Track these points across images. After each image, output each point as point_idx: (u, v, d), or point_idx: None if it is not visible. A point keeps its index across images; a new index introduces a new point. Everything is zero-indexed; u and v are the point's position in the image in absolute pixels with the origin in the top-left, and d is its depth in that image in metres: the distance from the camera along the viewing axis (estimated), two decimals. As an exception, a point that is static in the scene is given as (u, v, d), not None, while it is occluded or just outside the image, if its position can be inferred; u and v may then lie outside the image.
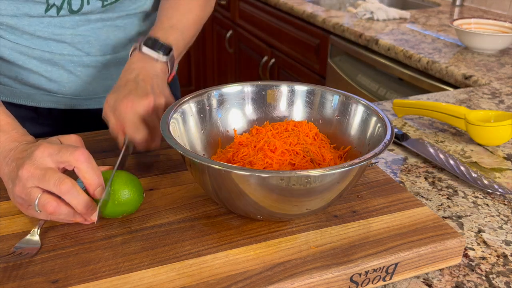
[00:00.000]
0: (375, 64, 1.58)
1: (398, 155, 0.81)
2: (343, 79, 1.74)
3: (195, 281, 0.48)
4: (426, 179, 0.74)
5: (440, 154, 0.79)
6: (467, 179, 0.72)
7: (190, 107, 0.64)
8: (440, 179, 0.74)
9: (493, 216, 0.66)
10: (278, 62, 2.24)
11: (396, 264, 0.52)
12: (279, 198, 0.51)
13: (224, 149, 0.65)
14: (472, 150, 0.83)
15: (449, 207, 0.67)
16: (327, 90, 0.68)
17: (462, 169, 0.74)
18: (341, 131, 0.66)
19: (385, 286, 0.54)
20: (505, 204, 0.68)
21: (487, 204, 0.68)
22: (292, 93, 0.70)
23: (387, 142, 0.55)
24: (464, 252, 0.59)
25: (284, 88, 0.70)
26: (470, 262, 0.57)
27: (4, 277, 0.49)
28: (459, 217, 0.65)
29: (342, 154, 0.64)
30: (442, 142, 0.86)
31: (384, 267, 0.52)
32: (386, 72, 1.54)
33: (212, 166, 0.50)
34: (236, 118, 0.69)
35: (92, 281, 0.48)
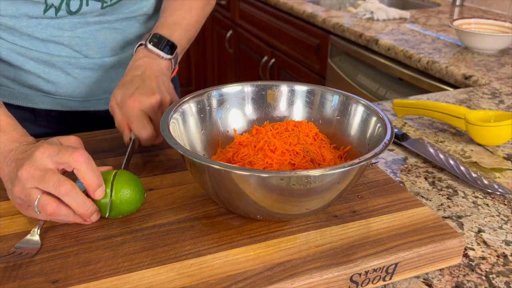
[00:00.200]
0: (375, 64, 1.58)
1: (398, 155, 0.81)
2: (343, 79, 1.74)
3: (195, 281, 0.48)
4: (426, 179, 0.74)
5: (440, 154, 0.79)
6: (467, 179, 0.72)
7: (190, 107, 0.64)
8: (440, 179, 0.74)
9: (493, 216, 0.66)
10: (278, 62, 2.24)
11: (396, 264, 0.52)
12: (279, 198, 0.51)
13: (224, 149, 0.65)
14: (472, 150, 0.83)
15: (449, 207, 0.67)
16: (327, 90, 0.68)
17: (462, 169, 0.74)
18: (341, 131, 0.66)
19: (385, 286, 0.54)
20: (505, 204, 0.68)
21: (487, 204, 0.68)
22: (292, 93, 0.70)
23: (387, 142, 0.55)
24: (464, 252, 0.59)
25: (284, 88, 0.70)
26: (470, 262, 0.57)
27: (4, 277, 0.49)
28: (459, 217, 0.65)
29: (342, 154, 0.64)
30: (442, 142, 0.86)
31: (384, 267, 0.52)
32: (386, 72, 1.54)
33: (212, 166, 0.50)
34: (236, 118, 0.69)
35: (92, 281, 0.48)
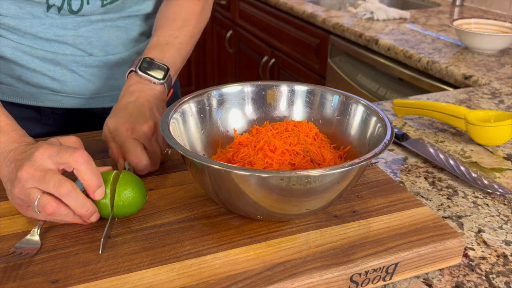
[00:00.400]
0: (375, 64, 1.58)
1: (398, 155, 0.81)
2: (343, 79, 1.74)
3: (195, 281, 0.48)
4: (426, 179, 0.74)
5: (440, 154, 0.79)
6: (467, 179, 0.72)
7: (190, 107, 0.64)
8: (440, 179, 0.74)
9: (493, 216, 0.66)
10: (278, 62, 2.24)
11: (396, 264, 0.52)
12: (279, 198, 0.51)
13: (224, 149, 0.65)
14: (472, 150, 0.83)
15: (449, 207, 0.67)
16: (327, 90, 0.68)
17: (462, 169, 0.74)
18: (341, 131, 0.66)
19: (385, 286, 0.54)
20: (505, 204, 0.68)
21: (487, 204, 0.68)
22: (292, 93, 0.70)
23: (387, 142, 0.55)
24: (464, 252, 0.59)
25: (284, 88, 0.70)
26: (470, 262, 0.57)
27: (4, 277, 0.49)
28: (459, 217, 0.65)
29: (342, 154, 0.64)
30: (442, 142, 0.86)
31: (384, 267, 0.52)
32: (386, 72, 1.54)
33: (212, 166, 0.50)
34: (236, 118, 0.69)
35: (92, 281, 0.48)
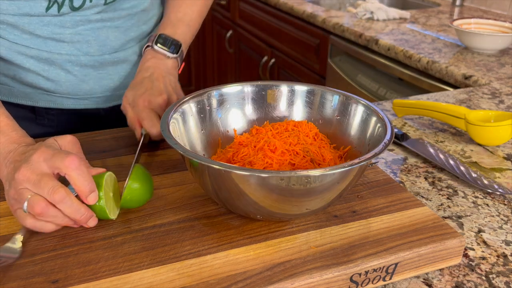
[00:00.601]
0: (375, 64, 1.58)
1: (398, 155, 0.81)
2: (343, 79, 1.74)
3: (195, 281, 0.48)
4: (426, 179, 0.74)
5: (440, 154, 0.79)
6: (467, 179, 0.72)
7: (190, 107, 0.64)
8: (440, 179, 0.74)
9: (493, 216, 0.66)
10: (278, 62, 2.24)
11: (396, 264, 0.52)
12: (279, 198, 0.51)
13: (224, 149, 0.65)
14: (472, 150, 0.83)
15: (449, 207, 0.67)
16: (327, 90, 0.68)
17: (462, 169, 0.74)
18: (341, 131, 0.66)
19: (385, 286, 0.54)
20: (505, 204, 0.68)
21: (487, 204, 0.68)
22: (292, 93, 0.70)
23: (387, 142, 0.55)
24: (464, 252, 0.59)
25: (284, 88, 0.70)
26: (470, 262, 0.57)
27: (4, 277, 0.49)
28: (459, 217, 0.65)
29: (342, 154, 0.64)
30: (442, 142, 0.86)
31: (384, 267, 0.52)
32: (386, 72, 1.54)
33: (212, 166, 0.50)
34: (236, 118, 0.69)
35: (92, 281, 0.48)
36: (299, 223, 0.57)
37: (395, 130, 0.86)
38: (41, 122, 0.89)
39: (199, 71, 3.28)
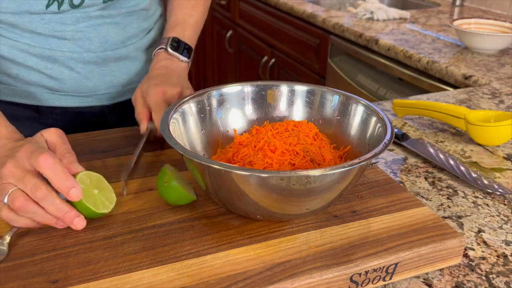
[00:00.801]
0: (375, 64, 1.58)
1: (398, 155, 0.81)
2: (343, 79, 1.74)
3: (195, 281, 0.48)
4: (426, 179, 0.74)
5: (440, 154, 0.79)
6: (467, 179, 0.72)
7: (190, 107, 0.64)
8: (440, 179, 0.74)
9: (493, 216, 0.66)
10: (278, 62, 2.24)
11: (396, 264, 0.52)
12: (279, 198, 0.51)
13: (224, 149, 0.65)
14: (472, 150, 0.83)
15: (449, 207, 0.67)
16: (327, 90, 0.68)
17: (462, 169, 0.74)
18: (341, 131, 0.66)
19: (385, 286, 0.54)
20: (505, 204, 0.68)
21: (487, 204, 0.68)
22: (292, 93, 0.70)
23: (387, 142, 0.55)
24: (464, 252, 0.59)
25: (284, 88, 0.70)
26: (470, 262, 0.57)
27: (4, 277, 0.49)
28: (459, 217, 0.65)
29: (342, 154, 0.64)
30: (442, 142, 0.86)
31: (384, 267, 0.52)
32: (386, 72, 1.54)
33: (212, 166, 0.50)
34: (236, 118, 0.69)
35: (92, 281, 0.48)
36: (299, 223, 0.57)
37: (395, 130, 0.86)
38: (45, 122, 0.89)
39: (199, 71, 3.28)
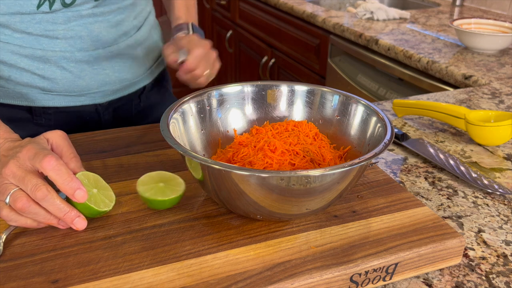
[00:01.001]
0: (375, 64, 1.58)
1: (398, 155, 0.81)
2: (343, 79, 1.74)
3: (195, 281, 0.48)
4: (426, 179, 0.74)
5: (440, 154, 0.79)
6: (467, 179, 0.72)
7: (190, 107, 0.64)
8: (440, 179, 0.74)
9: (493, 216, 0.66)
10: (278, 62, 2.24)
11: (396, 264, 0.52)
12: (279, 198, 0.51)
13: (224, 149, 0.65)
14: (472, 150, 0.83)
15: (449, 207, 0.67)
16: (327, 90, 0.68)
17: (462, 169, 0.74)
18: (341, 131, 0.66)
19: (385, 286, 0.54)
20: (505, 204, 0.68)
21: (487, 204, 0.68)
22: (292, 93, 0.70)
23: (387, 142, 0.55)
24: (464, 252, 0.59)
25: (284, 88, 0.70)
26: (470, 262, 0.57)
27: (4, 277, 0.49)
28: (459, 217, 0.65)
29: (342, 154, 0.64)
30: (442, 142, 0.86)
31: (384, 267, 0.52)
32: (386, 72, 1.54)
33: (212, 166, 0.50)
34: (236, 118, 0.69)
35: (92, 281, 0.48)
36: (299, 223, 0.57)
37: (395, 130, 0.86)
38: (38, 122, 0.89)
39: (199, 71, 3.28)
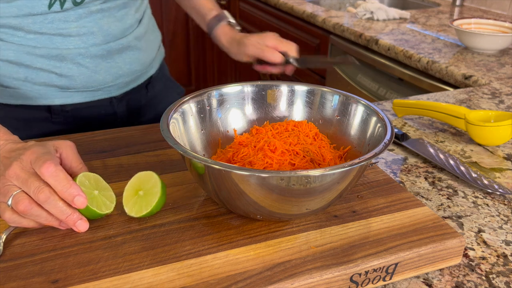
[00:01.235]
0: (375, 64, 1.58)
1: (398, 155, 0.81)
2: (343, 79, 1.74)
3: (195, 281, 0.48)
4: (426, 179, 0.74)
5: (440, 154, 0.79)
6: (467, 179, 0.72)
7: (190, 107, 0.64)
8: (440, 179, 0.74)
9: (493, 216, 0.66)
10: (278, 62, 2.24)
11: (396, 264, 0.52)
12: (279, 198, 0.51)
13: (224, 149, 0.65)
14: (472, 150, 0.83)
15: (449, 207, 0.67)
16: (327, 90, 0.68)
17: (462, 169, 0.74)
18: (341, 131, 0.66)
19: (385, 286, 0.54)
20: (505, 204, 0.68)
21: (487, 204, 0.68)
22: (292, 93, 0.70)
23: (387, 142, 0.55)
24: (464, 252, 0.59)
25: (284, 88, 0.70)
26: (470, 262, 0.57)
27: (4, 277, 0.49)
28: (459, 217, 0.65)
29: (342, 154, 0.64)
30: (442, 142, 0.86)
31: (384, 267, 0.52)
32: (386, 72, 1.54)
33: (212, 166, 0.50)
34: (236, 118, 0.69)
35: (92, 281, 0.48)
36: (299, 223, 0.57)
37: (395, 130, 0.86)
38: (57, 121, 0.90)
39: (199, 71, 3.28)
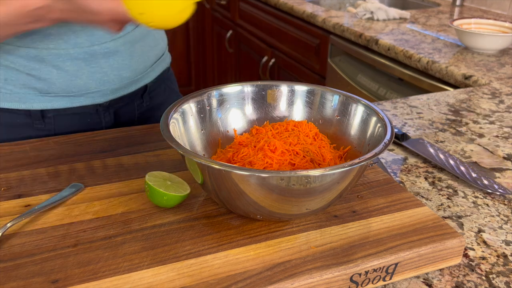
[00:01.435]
0: (375, 64, 1.58)
1: (398, 155, 0.81)
2: (343, 79, 1.74)
3: (195, 281, 0.48)
4: (426, 179, 0.74)
5: (440, 154, 0.79)
6: (467, 179, 0.72)
7: (190, 107, 0.64)
8: (440, 179, 0.74)
9: (493, 216, 0.66)
10: (278, 62, 2.24)
11: (396, 264, 0.52)
12: (279, 198, 0.51)
13: (224, 149, 0.65)
14: (472, 150, 0.83)
15: (449, 207, 0.67)
16: (327, 90, 0.68)
17: (462, 169, 0.74)
18: (341, 131, 0.66)
19: (385, 286, 0.54)
20: (505, 204, 0.68)
21: (487, 204, 0.68)
22: (292, 93, 0.70)
23: (387, 142, 0.55)
24: (464, 252, 0.59)
25: (284, 88, 0.70)
26: (470, 262, 0.57)
27: (4, 277, 0.49)
28: (459, 217, 0.65)
29: (342, 154, 0.64)
30: (442, 142, 0.86)
31: (384, 267, 0.52)
32: (386, 72, 1.54)
33: (212, 166, 0.50)
34: (236, 118, 0.69)
35: (92, 281, 0.48)
36: (299, 223, 0.57)
37: (395, 130, 0.86)
38: (38, 127, 0.87)
39: (199, 71, 3.28)
